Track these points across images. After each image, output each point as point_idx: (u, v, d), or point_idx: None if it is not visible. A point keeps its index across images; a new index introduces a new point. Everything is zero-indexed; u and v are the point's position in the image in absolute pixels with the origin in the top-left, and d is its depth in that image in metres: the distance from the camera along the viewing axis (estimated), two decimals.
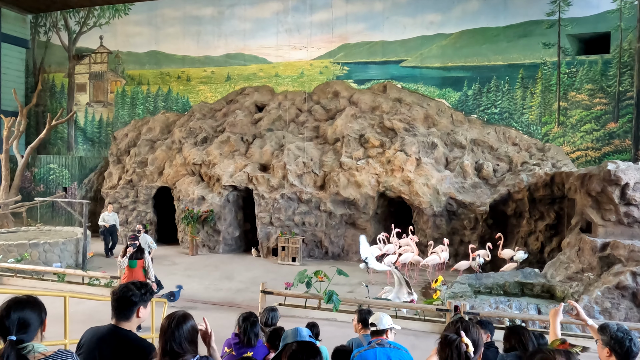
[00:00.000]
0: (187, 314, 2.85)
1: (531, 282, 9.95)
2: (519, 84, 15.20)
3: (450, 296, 8.92)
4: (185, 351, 2.72)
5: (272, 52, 17.95)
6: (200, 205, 15.09)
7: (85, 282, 10.35)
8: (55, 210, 18.81)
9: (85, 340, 2.95)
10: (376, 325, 3.74)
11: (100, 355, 2.81)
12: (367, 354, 3.54)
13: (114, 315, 2.96)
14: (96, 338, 2.91)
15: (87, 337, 2.95)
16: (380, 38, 16.74)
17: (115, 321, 2.95)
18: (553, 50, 14.81)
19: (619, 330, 2.85)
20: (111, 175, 17.43)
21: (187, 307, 8.61)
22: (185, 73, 19.10)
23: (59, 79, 20.82)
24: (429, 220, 13.47)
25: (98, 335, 2.92)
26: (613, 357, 2.82)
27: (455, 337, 2.46)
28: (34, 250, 12.15)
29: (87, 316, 7.87)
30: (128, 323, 2.95)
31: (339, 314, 8.36)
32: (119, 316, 2.94)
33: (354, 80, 17.02)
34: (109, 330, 2.93)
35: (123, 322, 2.94)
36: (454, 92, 15.86)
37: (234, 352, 3.91)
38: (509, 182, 13.26)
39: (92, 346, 2.86)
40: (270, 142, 15.70)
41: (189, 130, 16.86)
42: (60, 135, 20.61)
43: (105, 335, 2.90)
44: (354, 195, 13.97)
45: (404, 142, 14.20)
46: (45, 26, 20.93)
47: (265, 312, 4.75)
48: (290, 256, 13.82)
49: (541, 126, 14.92)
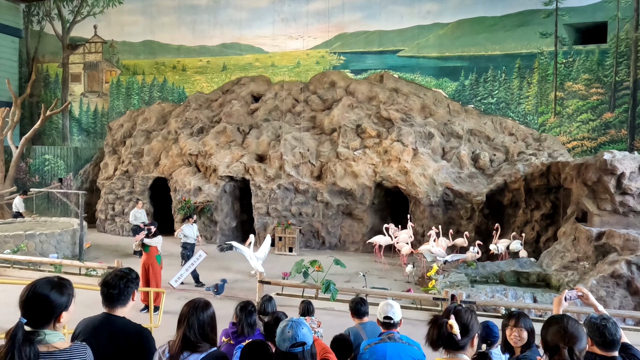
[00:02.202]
0: (208, 302, 2.88)
1: (527, 271, 10.03)
2: (516, 74, 15.18)
3: (446, 285, 8.98)
4: (204, 339, 2.74)
5: (268, 41, 17.83)
6: (196, 195, 15.07)
7: (82, 273, 10.34)
8: (50, 201, 18.74)
9: (80, 330, 2.94)
10: (392, 319, 3.62)
11: (97, 344, 2.80)
12: (377, 348, 3.44)
13: (106, 303, 2.94)
14: (91, 327, 2.90)
15: (81, 327, 2.95)
16: (377, 27, 16.66)
17: (108, 309, 2.93)
18: (550, 40, 14.79)
19: (594, 317, 2.85)
20: (107, 166, 17.35)
21: (185, 297, 8.62)
22: (180, 63, 18.97)
23: (53, 69, 20.64)
24: (425, 210, 13.51)
25: (93, 325, 2.91)
26: (594, 346, 2.80)
27: (442, 319, 2.48)
28: (30, 241, 12.12)
29: (84, 307, 7.86)
30: (123, 309, 2.95)
31: (337, 303, 8.40)
32: (113, 303, 2.92)
33: (350, 70, 16.95)
34: (103, 318, 2.92)
35: (117, 309, 2.93)
36: (451, 82, 15.84)
37: (232, 341, 3.92)
38: (505, 172, 13.29)
39: (87, 335, 2.85)
40: (266, 132, 15.65)
41: (185, 121, 16.78)
42: (55, 125, 20.46)
43: (99, 324, 2.90)
44: (351, 185, 13.98)
45: (401, 132, 14.19)
46: (38, 15, 20.70)
47: (262, 301, 4.76)
48: (287, 246, 13.84)
49: (538, 116, 14.93)
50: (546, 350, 2.56)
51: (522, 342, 3.43)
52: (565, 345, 2.43)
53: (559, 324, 2.52)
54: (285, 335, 2.59)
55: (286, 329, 2.61)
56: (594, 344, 2.78)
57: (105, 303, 2.94)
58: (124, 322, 2.91)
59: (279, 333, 2.64)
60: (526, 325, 3.44)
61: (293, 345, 2.57)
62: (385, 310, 3.66)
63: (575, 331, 2.49)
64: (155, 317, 7.62)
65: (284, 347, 2.59)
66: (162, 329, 7.00)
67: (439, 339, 2.53)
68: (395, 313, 3.68)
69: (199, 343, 2.74)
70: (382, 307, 3.71)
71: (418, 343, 3.63)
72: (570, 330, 2.48)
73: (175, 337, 2.79)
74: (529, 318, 3.55)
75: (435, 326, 2.56)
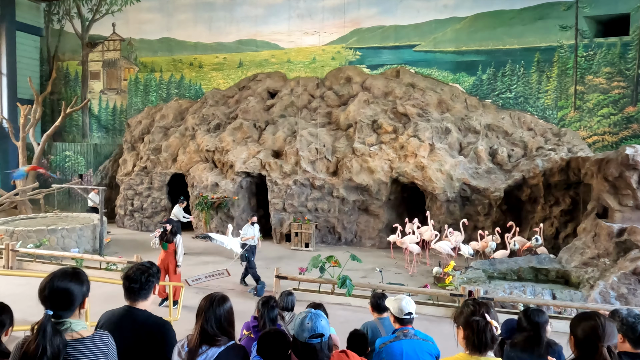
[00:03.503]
0: (225, 296, 2.92)
1: (546, 267, 9.90)
2: (535, 68, 14.95)
3: (463, 281, 8.93)
4: (222, 332, 2.78)
5: (284, 37, 17.85)
6: (214, 191, 15.20)
7: (102, 267, 10.53)
8: (71, 197, 19.10)
9: (103, 322, 3.01)
10: (412, 313, 3.60)
11: (119, 336, 2.87)
12: (394, 346, 3.42)
13: (128, 297, 3.00)
14: (114, 319, 2.97)
15: (104, 319, 3.02)
16: (393, 22, 16.55)
17: (129, 302, 3.00)
18: (570, 32, 14.52)
19: (630, 316, 2.84)
20: (126, 162, 17.59)
21: (203, 291, 8.73)
22: (197, 60, 19.11)
23: (73, 67, 20.98)
24: (442, 206, 13.42)
25: (115, 317, 2.98)
26: (626, 342, 2.80)
27: (484, 321, 2.42)
28: (52, 236, 12.38)
29: (105, 300, 8.02)
30: (145, 302, 3.01)
31: (353, 298, 8.43)
32: (135, 297, 2.99)
33: (366, 65, 16.88)
34: (124, 311, 2.98)
35: (138, 302, 3.00)
36: (468, 77, 15.67)
37: (252, 334, 3.97)
38: (523, 168, 13.13)
39: (110, 328, 2.91)
40: (282, 128, 15.70)
41: (202, 117, 16.92)
42: (75, 122, 20.82)
43: (122, 317, 2.96)
44: (367, 181, 13.95)
45: (417, 128, 14.11)
46: (58, 14, 21.04)
47: (282, 297, 4.80)
48: (303, 242, 13.90)
49: (557, 111, 14.70)
50: (577, 347, 2.51)
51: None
52: (604, 343, 2.41)
53: (595, 321, 2.48)
54: (304, 326, 2.66)
55: (305, 320, 2.68)
56: (626, 341, 2.78)
57: (127, 296, 3.00)
58: (146, 315, 2.97)
59: (297, 323, 2.69)
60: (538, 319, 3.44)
61: (312, 336, 2.63)
62: (405, 307, 3.60)
63: (612, 328, 2.48)
64: (175, 311, 7.74)
65: (302, 337, 2.65)
66: (181, 322, 7.11)
67: (485, 342, 2.41)
68: (414, 307, 3.67)
69: (217, 337, 2.78)
70: (398, 304, 3.63)
71: (432, 338, 3.62)
72: (608, 327, 2.46)
73: (194, 330, 2.83)
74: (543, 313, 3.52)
75: (475, 329, 2.42)
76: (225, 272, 9.74)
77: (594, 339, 2.44)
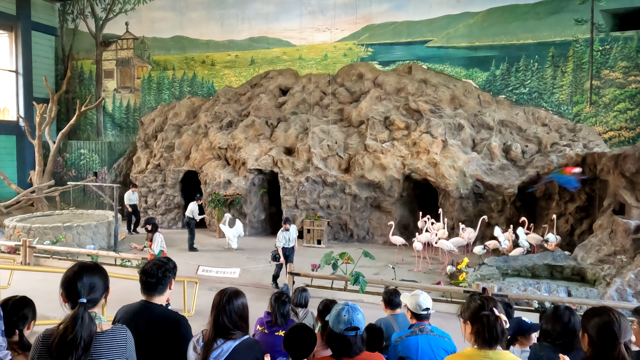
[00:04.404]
0: (238, 291, 2.95)
1: (561, 264, 9.80)
2: (549, 63, 14.76)
3: (477, 278, 8.87)
4: (236, 327, 2.81)
5: (295, 34, 17.85)
6: (226, 188, 15.28)
7: (117, 264, 10.65)
8: (86, 194, 19.34)
9: (120, 316, 3.06)
10: (429, 308, 3.61)
11: (136, 331, 2.90)
12: (410, 341, 3.43)
13: (144, 291, 3.04)
14: (130, 314, 3.01)
15: (121, 314, 3.06)
16: (405, 18, 16.44)
17: (146, 297, 3.04)
18: (586, 27, 14.30)
19: None
20: (139, 159, 17.76)
21: (216, 287, 8.79)
22: (209, 57, 19.20)
23: (87, 66, 21.21)
24: (455, 203, 13.34)
25: (132, 312, 3.02)
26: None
27: (494, 315, 2.40)
28: (68, 232, 12.56)
29: (120, 295, 8.12)
30: (160, 297, 3.04)
31: (366, 295, 8.42)
32: (152, 292, 3.03)
33: (378, 61, 16.81)
34: (141, 306, 3.02)
35: (154, 297, 3.03)
36: (481, 72, 15.52)
37: (266, 330, 4.00)
38: (538, 164, 12.99)
39: (127, 322, 2.95)
40: (294, 125, 15.71)
41: (214, 115, 17.01)
42: (90, 121, 21.06)
43: (138, 311, 3.00)
44: (379, 178, 13.91)
45: (430, 124, 14.02)
46: (72, 14, 21.27)
47: (296, 293, 4.82)
48: (315, 239, 13.92)
49: (572, 106, 14.50)
50: (591, 345, 2.41)
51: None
52: (621, 340, 2.33)
53: (610, 317, 2.39)
54: (341, 318, 2.71)
55: (342, 312, 2.74)
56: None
57: (144, 291, 3.04)
58: (162, 310, 3.01)
59: (334, 315, 2.74)
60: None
61: (347, 329, 2.68)
62: (422, 303, 3.60)
63: (626, 323, 2.41)
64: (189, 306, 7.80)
65: (337, 329, 2.71)
66: (195, 317, 7.18)
67: (496, 336, 2.39)
68: (431, 303, 3.67)
69: (232, 331, 2.80)
70: (416, 299, 3.63)
71: (448, 334, 3.61)
72: (623, 323, 2.38)
73: (208, 325, 2.86)
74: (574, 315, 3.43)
75: (485, 323, 2.40)
76: (237, 272, 9.78)
77: (609, 335, 2.35)
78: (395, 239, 12.12)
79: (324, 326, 2.87)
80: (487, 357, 2.37)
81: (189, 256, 12.03)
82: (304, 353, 2.99)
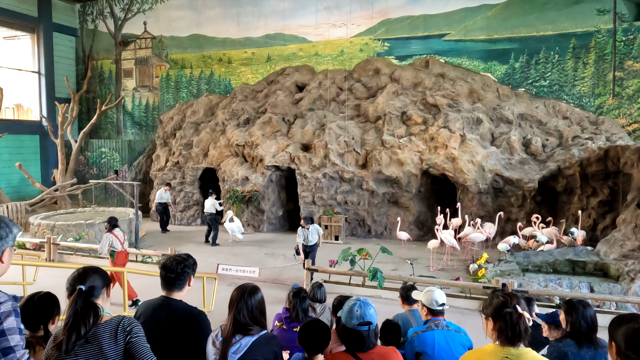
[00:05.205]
0: (256, 287, 2.99)
1: (583, 260, 9.63)
2: (570, 55, 14.46)
3: (497, 274, 8.78)
4: (254, 322, 2.85)
5: (311, 30, 17.83)
6: (244, 185, 15.40)
7: (138, 260, 10.83)
8: (107, 192, 19.69)
9: (141, 312, 3.11)
10: (445, 304, 3.61)
11: (156, 325, 2.96)
12: (426, 336, 3.43)
13: (164, 287, 3.09)
14: (151, 309, 3.06)
15: (142, 309, 3.12)
16: (421, 12, 16.28)
17: (166, 292, 3.09)
18: (608, 17, 13.97)
19: None
20: (159, 157, 17.99)
21: (235, 283, 8.88)
22: (226, 55, 19.32)
23: (107, 66, 21.54)
24: (474, 198, 13.21)
25: (152, 307, 3.07)
26: None
27: (517, 313, 2.38)
28: (91, 229, 12.82)
29: (142, 291, 8.28)
30: (180, 293, 3.09)
31: (384, 291, 8.41)
32: (171, 287, 3.07)
33: (395, 56, 16.70)
34: (161, 301, 3.07)
35: (175, 293, 3.08)
36: (500, 65, 15.30)
37: (284, 325, 4.03)
38: (559, 158, 12.77)
39: (148, 317, 3.01)
40: (311, 121, 15.73)
41: (232, 112, 17.12)
42: (110, 120, 21.41)
43: (158, 307, 3.05)
44: (397, 173, 13.85)
45: (448, 119, 13.89)
46: (92, 14, 21.61)
47: (313, 288, 4.84)
48: (333, 235, 13.93)
49: (594, 98, 14.20)
50: (620, 355, 2.23)
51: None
52: None
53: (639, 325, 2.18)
54: (353, 314, 2.75)
55: (354, 308, 2.77)
56: None
57: (164, 286, 3.09)
58: (182, 305, 3.06)
59: (346, 311, 2.76)
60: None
61: (360, 324, 2.71)
62: (438, 298, 3.61)
63: None
64: (208, 302, 7.90)
65: (351, 324, 2.74)
66: (214, 312, 7.26)
67: (519, 334, 2.36)
68: (445, 298, 3.67)
69: (250, 326, 2.83)
70: (431, 296, 3.63)
71: (464, 329, 3.60)
72: None
73: (227, 320, 2.89)
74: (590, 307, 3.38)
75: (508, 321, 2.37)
76: (257, 271, 9.85)
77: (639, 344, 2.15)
78: (401, 234, 12.10)
79: (338, 322, 2.90)
80: (509, 354, 2.35)
81: (208, 252, 12.18)
82: (318, 348, 3.02)
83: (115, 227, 8.67)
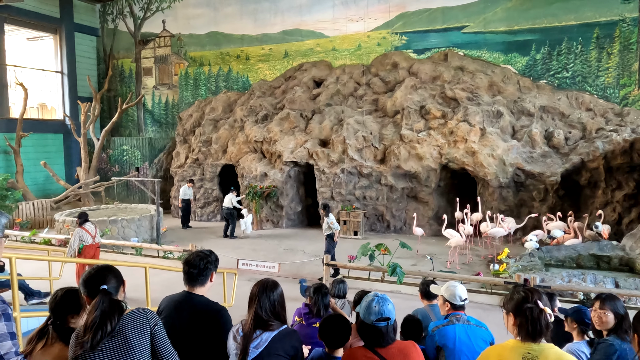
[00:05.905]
0: (276, 282, 3.01)
1: (608, 254, 9.44)
2: (594, 45, 14.12)
3: (518, 269, 8.66)
4: (275, 317, 2.88)
5: (328, 25, 17.77)
6: (263, 181, 15.48)
7: (160, 256, 11.00)
8: (129, 189, 20.02)
9: (163, 307, 3.15)
10: (467, 299, 3.59)
11: (178, 320, 3.00)
12: (447, 330, 3.42)
13: (187, 282, 3.13)
14: (173, 304, 3.10)
15: (164, 304, 3.16)
16: (440, 4, 16.08)
17: (188, 288, 3.12)
18: (633, 5, 13.59)
19: None
20: (179, 154, 18.21)
21: (254, 278, 8.95)
22: (244, 52, 19.40)
23: (127, 64, 21.85)
24: (494, 192, 13.04)
25: (174, 302, 3.11)
26: None
27: (538, 309, 2.35)
28: (113, 226, 13.05)
29: (164, 286, 8.39)
30: (202, 289, 3.13)
31: (403, 286, 8.38)
32: (194, 283, 3.11)
33: (413, 50, 16.54)
34: (183, 296, 3.11)
35: (197, 288, 3.11)
36: (521, 57, 15.03)
37: (304, 321, 4.04)
38: (582, 150, 12.50)
39: (170, 312, 3.06)
40: (329, 117, 15.70)
41: (250, 109, 17.21)
42: (131, 118, 21.73)
43: (181, 302, 3.09)
44: (415, 168, 13.75)
45: (467, 112, 13.72)
46: (112, 14, 21.93)
47: (334, 284, 4.85)
48: (352, 230, 13.92)
49: (619, 89, 13.85)
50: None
51: (607, 326, 3.28)
52: None
53: None
54: (371, 310, 2.75)
55: (372, 304, 2.77)
56: None
57: (186, 281, 3.13)
58: (204, 300, 3.10)
59: (364, 307, 2.77)
60: (614, 308, 3.28)
61: (379, 319, 2.71)
62: (460, 293, 3.59)
63: None
64: (229, 297, 7.99)
65: (369, 320, 2.74)
66: (235, 307, 7.34)
67: (540, 330, 2.35)
68: (466, 293, 3.65)
69: (270, 321, 2.86)
70: (453, 291, 3.61)
71: (485, 324, 3.57)
72: None
73: (248, 316, 2.92)
74: (619, 300, 3.34)
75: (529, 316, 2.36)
76: (277, 267, 9.90)
77: None
78: (417, 230, 11.91)
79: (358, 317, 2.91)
80: (531, 349, 2.33)
81: (229, 248, 12.29)
82: (338, 342, 3.03)
83: (86, 222, 8.76)
